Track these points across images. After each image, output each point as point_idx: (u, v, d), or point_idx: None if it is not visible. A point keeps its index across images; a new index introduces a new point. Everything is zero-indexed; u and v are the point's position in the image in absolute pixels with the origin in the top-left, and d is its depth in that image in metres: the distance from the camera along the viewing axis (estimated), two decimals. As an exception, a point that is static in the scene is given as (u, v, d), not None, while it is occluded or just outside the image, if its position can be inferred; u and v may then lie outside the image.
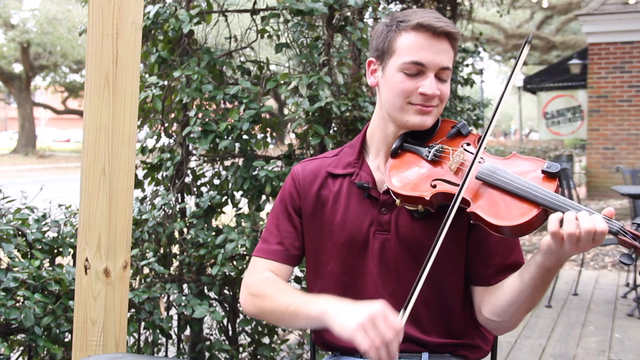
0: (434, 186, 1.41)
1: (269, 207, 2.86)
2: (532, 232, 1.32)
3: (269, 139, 2.89)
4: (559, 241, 1.23)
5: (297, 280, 2.80)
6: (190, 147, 2.91)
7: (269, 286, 1.50)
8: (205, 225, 2.76)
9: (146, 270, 2.64)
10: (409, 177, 1.46)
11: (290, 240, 1.58)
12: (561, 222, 1.22)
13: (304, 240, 1.60)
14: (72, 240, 2.22)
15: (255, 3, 2.97)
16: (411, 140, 1.52)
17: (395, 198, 1.46)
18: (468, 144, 1.49)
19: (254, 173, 2.72)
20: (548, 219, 1.25)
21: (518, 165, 1.41)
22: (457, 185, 1.39)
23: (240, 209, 2.89)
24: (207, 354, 2.78)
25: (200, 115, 2.76)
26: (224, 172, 2.90)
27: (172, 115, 2.96)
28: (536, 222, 1.30)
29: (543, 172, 1.36)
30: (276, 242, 1.58)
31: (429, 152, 1.48)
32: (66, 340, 2.10)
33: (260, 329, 2.82)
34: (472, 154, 1.44)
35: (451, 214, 1.33)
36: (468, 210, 1.35)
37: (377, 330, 1.22)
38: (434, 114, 1.49)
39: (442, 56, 1.44)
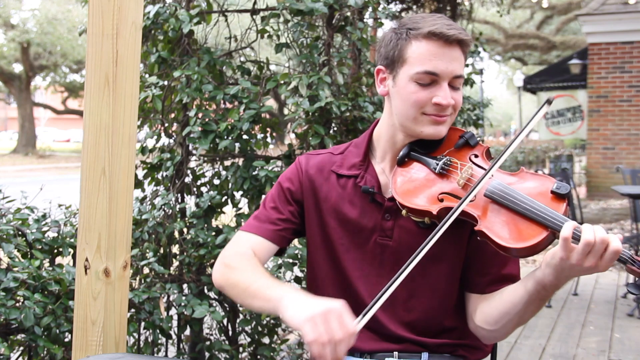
0: (441, 200, 1.40)
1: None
2: (539, 253, 1.29)
3: (269, 139, 2.89)
4: (568, 250, 1.19)
5: (297, 280, 2.79)
6: (190, 147, 2.91)
7: (241, 261, 1.47)
8: (205, 225, 2.76)
9: (146, 270, 2.64)
10: (416, 189, 1.44)
11: (284, 223, 1.55)
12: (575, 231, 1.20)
13: (299, 231, 1.58)
14: (72, 240, 2.22)
15: (255, 3, 2.97)
16: (418, 149, 1.49)
17: (401, 208, 1.43)
18: (476, 156, 1.47)
19: (254, 173, 2.72)
20: (563, 227, 1.22)
21: (527, 183, 1.38)
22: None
23: (240, 209, 2.89)
24: (207, 354, 2.78)
25: (200, 115, 2.76)
26: (224, 172, 2.90)
27: (172, 115, 2.96)
28: (543, 244, 1.28)
29: (552, 192, 1.33)
30: (269, 222, 1.55)
31: (437, 164, 1.45)
32: (66, 340, 2.10)
33: (260, 329, 2.82)
34: (481, 167, 1.43)
35: (442, 228, 1.31)
36: (476, 228, 1.33)
37: (327, 325, 1.16)
38: (447, 123, 1.46)
39: (455, 64, 1.40)
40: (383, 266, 1.49)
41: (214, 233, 2.71)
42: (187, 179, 2.92)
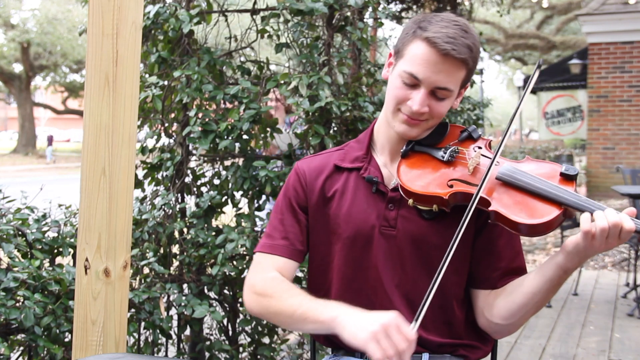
0: (451, 186, 1.42)
1: (269, 207, 2.86)
2: (551, 232, 1.33)
3: (269, 139, 2.89)
4: (590, 239, 1.25)
5: (297, 280, 2.79)
6: (190, 147, 2.91)
7: (275, 286, 1.48)
8: (205, 225, 2.76)
9: (146, 270, 2.64)
10: (424, 177, 1.46)
11: (295, 235, 1.57)
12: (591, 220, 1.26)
13: (308, 235, 1.59)
14: (72, 240, 2.22)
15: (255, 3, 2.97)
16: (422, 142, 1.52)
17: (407, 198, 1.45)
18: (480, 148, 1.50)
19: (254, 173, 2.72)
20: (581, 218, 1.28)
21: (535, 167, 1.42)
22: (475, 185, 1.39)
23: (240, 209, 2.89)
24: (207, 354, 2.78)
25: (200, 115, 2.76)
26: (224, 172, 2.90)
27: (172, 115, 2.96)
28: (556, 222, 1.31)
29: (561, 174, 1.38)
30: (281, 237, 1.57)
31: (445, 153, 1.48)
32: (66, 340, 2.10)
33: (260, 329, 2.82)
34: (487, 157, 1.45)
35: (469, 214, 1.34)
36: (489, 209, 1.36)
37: (390, 340, 1.19)
38: (421, 127, 1.49)
39: (441, 76, 1.41)
40: (390, 257, 1.50)
41: (214, 233, 2.71)
42: (187, 179, 2.92)
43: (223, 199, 2.85)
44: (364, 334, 1.21)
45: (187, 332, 2.89)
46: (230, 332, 2.90)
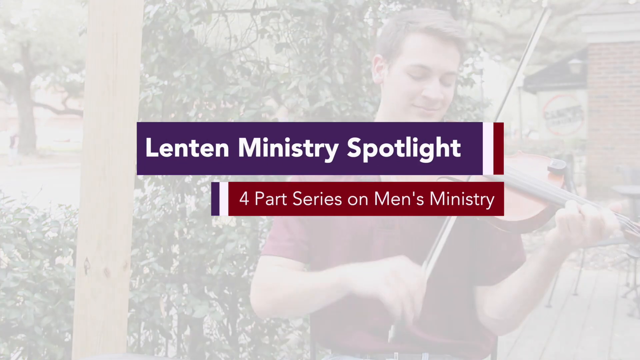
0: None
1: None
2: (538, 228, 1.33)
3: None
4: (566, 229, 1.23)
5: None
6: (190, 147, 2.90)
7: (280, 277, 1.49)
8: (205, 225, 2.75)
9: (146, 270, 2.63)
10: None
11: (300, 236, 1.56)
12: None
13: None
14: (72, 240, 2.22)
15: (255, 3, 2.97)
16: None
17: None
18: None
19: (254, 173, 2.72)
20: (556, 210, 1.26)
21: (524, 162, 1.42)
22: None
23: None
24: (207, 354, 2.78)
25: (200, 115, 2.76)
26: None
27: (172, 115, 2.96)
28: (542, 218, 1.31)
29: (549, 169, 1.38)
30: (286, 239, 1.56)
31: None
32: (66, 340, 2.10)
33: (260, 328, 2.82)
34: None
35: (451, 217, 1.34)
36: None
37: (401, 281, 1.22)
38: (435, 117, 1.49)
39: (449, 61, 1.43)
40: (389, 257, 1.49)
41: (214, 233, 2.71)
42: (187, 179, 2.92)
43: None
44: (374, 280, 1.24)
45: (187, 332, 2.89)
46: (230, 332, 2.90)
